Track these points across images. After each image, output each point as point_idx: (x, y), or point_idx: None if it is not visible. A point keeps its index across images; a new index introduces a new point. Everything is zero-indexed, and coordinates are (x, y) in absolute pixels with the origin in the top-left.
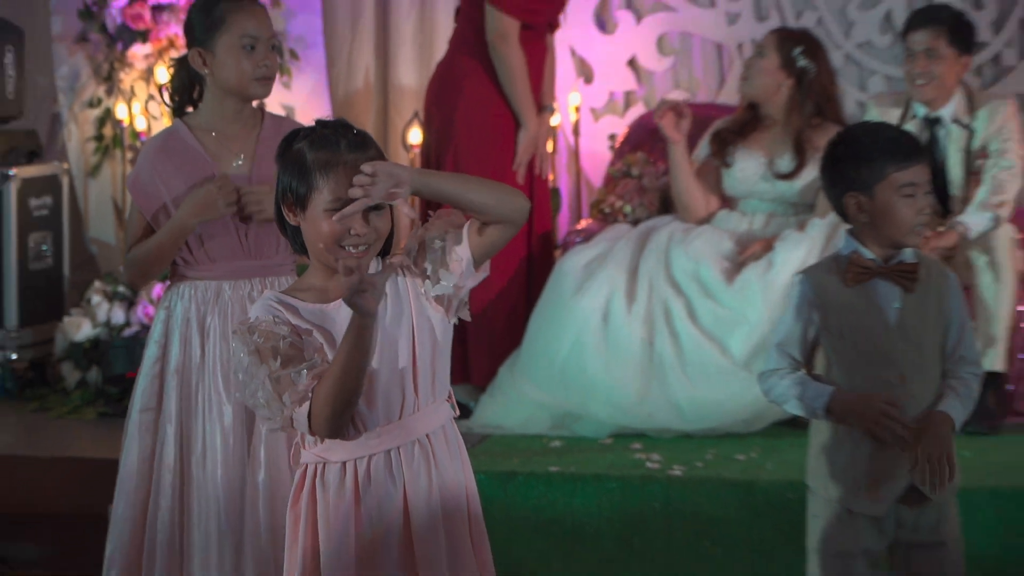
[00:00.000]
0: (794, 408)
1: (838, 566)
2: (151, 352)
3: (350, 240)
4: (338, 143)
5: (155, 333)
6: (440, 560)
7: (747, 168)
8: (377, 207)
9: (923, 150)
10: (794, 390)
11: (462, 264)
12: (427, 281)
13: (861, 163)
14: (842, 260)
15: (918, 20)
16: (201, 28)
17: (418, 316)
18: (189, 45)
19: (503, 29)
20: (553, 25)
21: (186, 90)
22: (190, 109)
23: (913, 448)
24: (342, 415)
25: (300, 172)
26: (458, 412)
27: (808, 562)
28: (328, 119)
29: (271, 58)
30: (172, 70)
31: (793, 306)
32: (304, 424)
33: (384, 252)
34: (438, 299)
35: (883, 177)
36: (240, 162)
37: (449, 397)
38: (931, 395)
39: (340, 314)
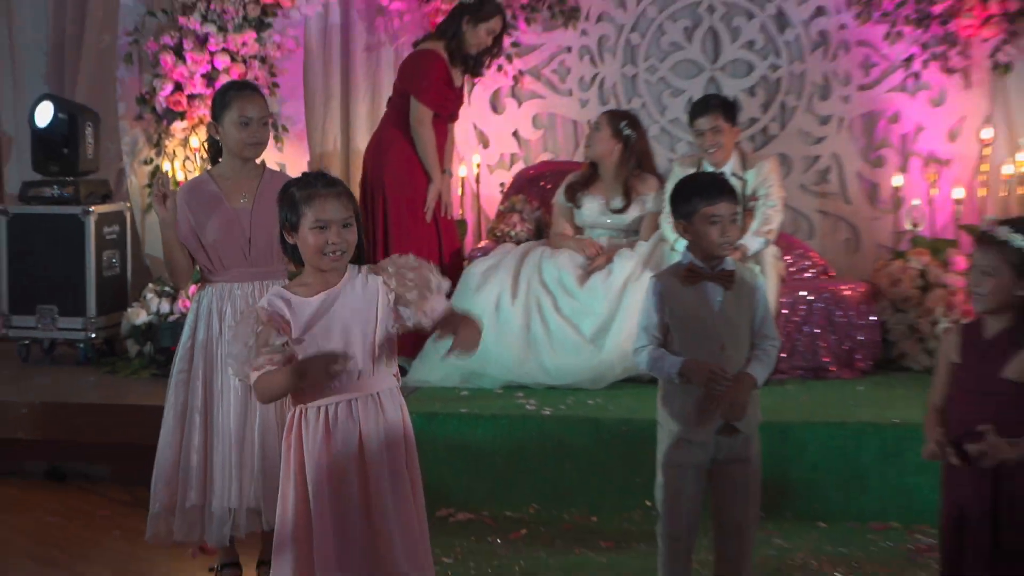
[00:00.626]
0: (657, 373)
1: (675, 474)
2: (186, 333)
3: (329, 248)
4: (316, 183)
5: (189, 319)
6: (383, 475)
7: (591, 208)
8: (347, 224)
9: (727, 191)
10: (656, 361)
11: (425, 317)
12: (392, 295)
13: (682, 200)
14: (682, 267)
15: (700, 108)
16: (216, 108)
17: (381, 315)
18: (212, 118)
19: (421, 116)
20: (454, 116)
21: (214, 150)
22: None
23: (727, 396)
24: (270, 400)
25: (292, 205)
26: (400, 378)
27: (656, 474)
28: (311, 171)
29: (262, 132)
30: (206, 137)
31: (651, 300)
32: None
33: (358, 260)
34: (396, 314)
35: (696, 210)
36: (244, 200)
37: (396, 371)
38: (743, 359)
39: (311, 305)
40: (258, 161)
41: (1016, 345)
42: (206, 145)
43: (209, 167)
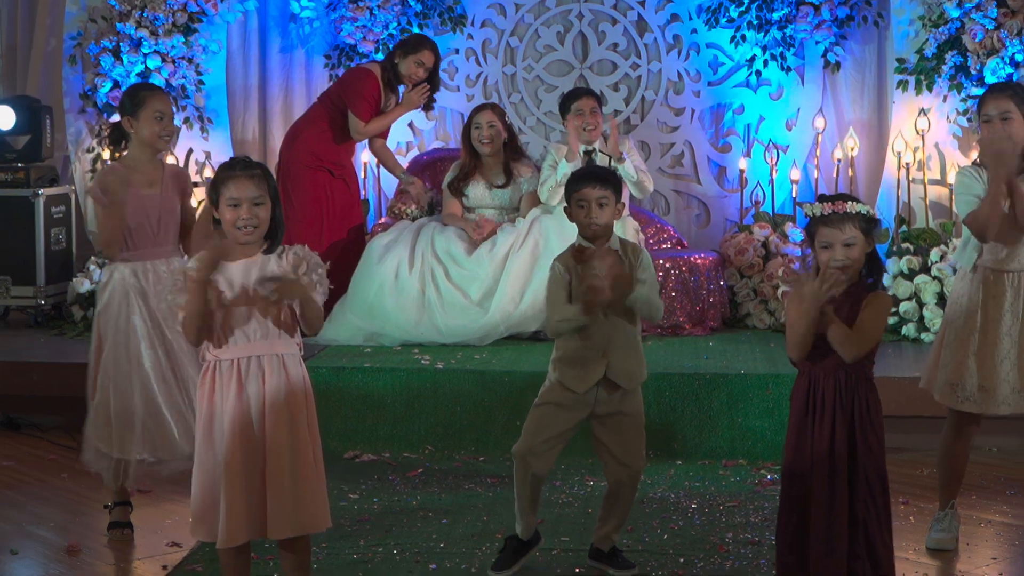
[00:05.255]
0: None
1: (545, 410)
2: (101, 303)
3: (240, 222)
4: (236, 166)
5: (104, 293)
6: (283, 424)
7: (476, 191)
8: (258, 202)
9: (593, 178)
10: (555, 317)
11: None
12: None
13: (566, 189)
14: (573, 247)
15: (580, 92)
16: (128, 105)
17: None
18: (121, 115)
19: (356, 127)
20: (383, 135)
21: (116, 137)
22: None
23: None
24: (193, 332)
25: (214, 185)
26: (302, 347)
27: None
28: (236, 157)
29: (172, 126)
30: (110, 127)
31: (554, 279)
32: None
33: (271, 236)
34: None
35: (570, 195)
36: (152, 187)
37: (299, 341)
38: (625, 320)
39: (231, 270)
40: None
41: (860, 300)
42: (110, 134)
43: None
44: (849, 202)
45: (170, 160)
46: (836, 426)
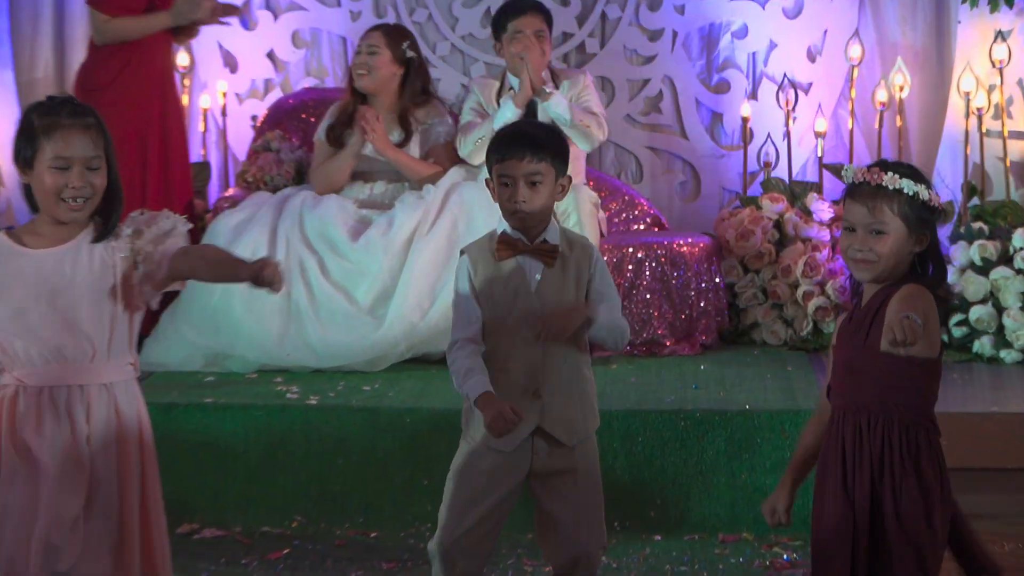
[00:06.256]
0: (459, 389)
1: (459, 481)
2: None
3: (68, 192)
4: (60, 111)
5: None
6: (111, 476)
7: (364, 147)
8: (93, 166)
9: (522, 146)
10: (460, 377)
11: (162, 268)
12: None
13: (487, 153)
14: (494, 237)
15: (525, 5)
16: None
17: (120, 287)
18: None
19: (97, 24)
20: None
21: None
22: None
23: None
24: None
25: (27, 136)
26: (137, 367)
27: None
28: (58, 95)
29: None
30: None
31: (460, 278)
32: None
33: (105, 212)
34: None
35: (491, 166)
36: None
37: (134, 359)
38: (567, 347)
39: (33, 260)
40: None
41: (886, 302)
42: None
43: None
44: (889, 172)
45: None
46: (854, 482)
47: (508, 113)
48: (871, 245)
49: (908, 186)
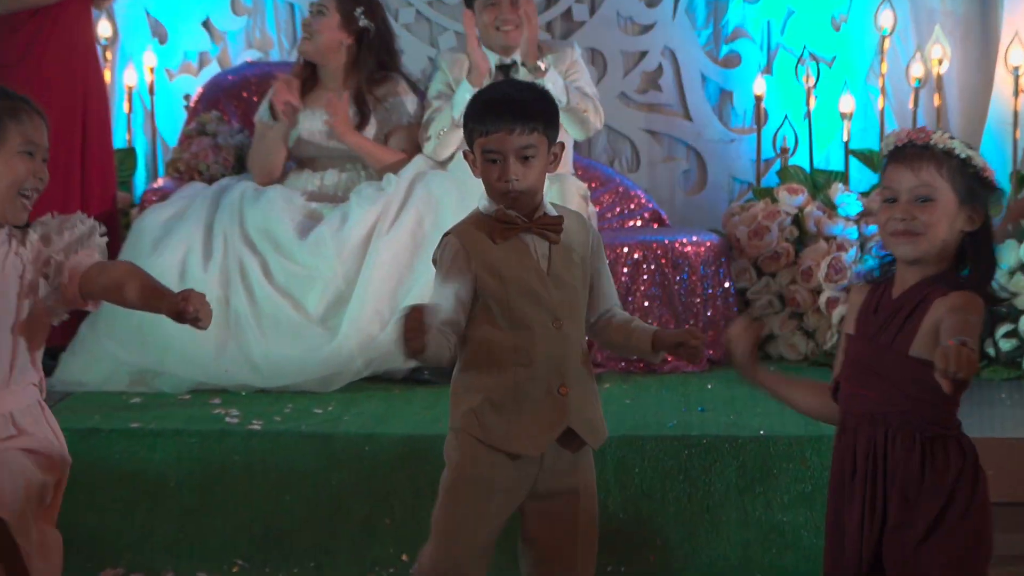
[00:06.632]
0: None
1: (455, 496)
2: None
3: (31, 184)
4: (12, 94)
5: None
6: (28, 517)
7: (311, 127)
8: (46, 159)
9: (509, 112)
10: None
11: (73, 284)
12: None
13: (465, 122)
14: (487, 216)
15: None
16: None
17: (25, 297)
18: None
19: None
20: None
21: None
22: None
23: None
24: None
25: None
26: (44, 385)
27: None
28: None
29: None
30: None
31: (444, 267)
32: None
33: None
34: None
35: (473, 140)
36: None
37: (39, 378)
38: (581, 335)
39: None
40: None
41: (927, 303)
42: None
43: None
44: (937, 132)
45: None
46: (872, 512)
47: (467, 95)
48: (916, 214)
49: (960, 148)
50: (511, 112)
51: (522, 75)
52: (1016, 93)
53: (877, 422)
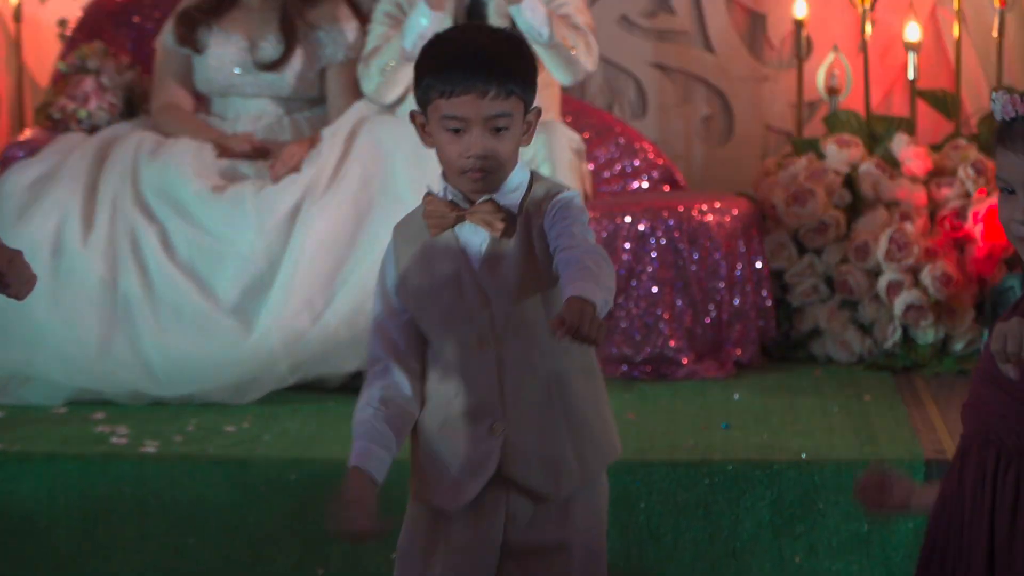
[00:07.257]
0: None
1: (409, 562)
2: None
3: None
4: None
5: None
6: None
7: (224, 56)
8: None
9: (483, 77)
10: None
11: None
12: None
13: (418, 75)
14: (435, 202)
15: None
16: None
17: None
18: None
19: None
20: None
21: None
22: None
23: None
24: None
25: None
26: None
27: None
28: None
29: None
30: None
31: (383, 269)
32: None
33: None
34: None
35: (429, 100)
36: None
37: None
38: (540, 353)
39: None
40: None
41: None
42: None
43: None
44: None
45: None
46: (971, 541)
47: (423, 21)
48: None
49: None
50: (485, 68)
51: (492, 8)
52: None
53: (988, 445)
